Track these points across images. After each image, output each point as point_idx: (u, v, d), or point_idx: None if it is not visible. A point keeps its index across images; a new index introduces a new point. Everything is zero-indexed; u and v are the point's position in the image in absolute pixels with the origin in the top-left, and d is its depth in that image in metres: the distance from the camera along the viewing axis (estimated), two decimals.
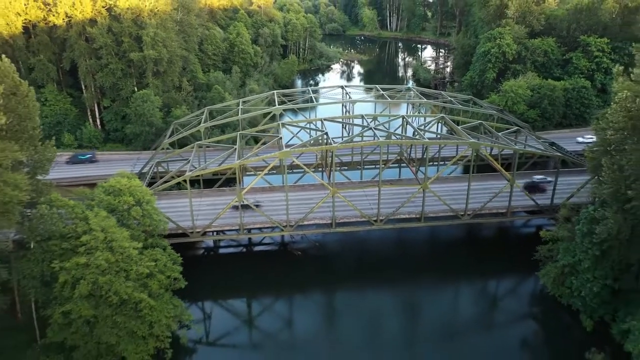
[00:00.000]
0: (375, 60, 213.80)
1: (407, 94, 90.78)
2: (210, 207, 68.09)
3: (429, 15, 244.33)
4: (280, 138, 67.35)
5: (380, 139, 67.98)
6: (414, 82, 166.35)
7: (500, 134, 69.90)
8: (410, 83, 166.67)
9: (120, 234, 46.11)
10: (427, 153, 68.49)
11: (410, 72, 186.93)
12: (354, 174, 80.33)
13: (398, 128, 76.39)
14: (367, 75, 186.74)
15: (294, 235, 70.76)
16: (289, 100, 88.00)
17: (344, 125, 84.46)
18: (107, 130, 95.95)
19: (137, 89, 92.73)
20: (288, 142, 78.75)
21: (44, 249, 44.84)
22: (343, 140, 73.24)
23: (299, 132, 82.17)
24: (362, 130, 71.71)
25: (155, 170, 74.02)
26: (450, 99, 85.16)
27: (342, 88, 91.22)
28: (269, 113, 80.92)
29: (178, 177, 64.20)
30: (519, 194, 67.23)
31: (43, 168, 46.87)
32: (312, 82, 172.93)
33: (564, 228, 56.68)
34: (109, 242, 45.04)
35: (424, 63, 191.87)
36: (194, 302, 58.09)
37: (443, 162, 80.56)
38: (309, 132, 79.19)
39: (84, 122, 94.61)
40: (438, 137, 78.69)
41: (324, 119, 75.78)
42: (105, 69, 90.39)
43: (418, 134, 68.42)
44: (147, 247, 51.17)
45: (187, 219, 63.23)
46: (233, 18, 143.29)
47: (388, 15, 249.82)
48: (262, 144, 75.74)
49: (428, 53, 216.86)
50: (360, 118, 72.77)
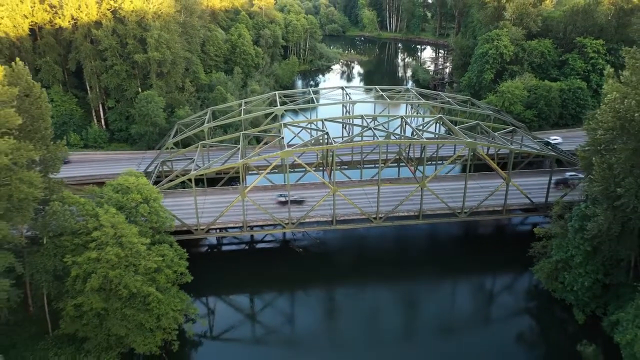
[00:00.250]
0: (375, 61, 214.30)
1: (406, 95, 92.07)
2: (214, 205, 69.70)
3: (429, 16, 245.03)
4: (282, 138, 68.93)
5: (380, 139, 69.40)
6: (413, 82, 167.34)
7: (497, 134, 71.48)
8: (410, 84, 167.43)
9: (129, 230, 47.65)
10: (425, 152, 70.35)
11: (410, 72, 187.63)
12: (354, 173, 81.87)
13: (397, 128, 78.17)
14: (366, 76, 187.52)
15: (296, 233, 72.40)
16: (290, 101, 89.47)
17: (344, 126, 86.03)
18: (111, 130, 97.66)
19: (141, 90, 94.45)
20: (289, 141, 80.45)
21: (56, 245, 46.55)
22: (343, 140, 74.69)
23: (300, 132, 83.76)
24: (361, 130, 73.20)
25: (161, 169, 75.54)
26: (449, 100, 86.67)
27: (342, 89, 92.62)
28: (271, 113, 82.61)
29: (183, 176, 66.02)
30: (515, 192, 68.86)
31: (54, 167, 48.43)
32: (312, 82, 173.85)
33: (557, 225, 58.21)
34: (119, 237, 46.59)
35: (423, 64, 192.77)
36: (198, 297, 59.56)
37: (441, 161, 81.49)
38: (310, 132, 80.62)
39: (89, 122, 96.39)
40: (436, 137, 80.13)
41: (325, 120, 77.33)
42: (110, 70, 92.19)
43: (416, 134, 69.99)
44: (154, 243, 52.77)
45: (191, 217, 64.89)
46: (234, 19, 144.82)
47: (388, 16, 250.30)
48: (264, 144, 77.32)
49: (427, 54, 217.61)
50: (360, 118, 74.36)
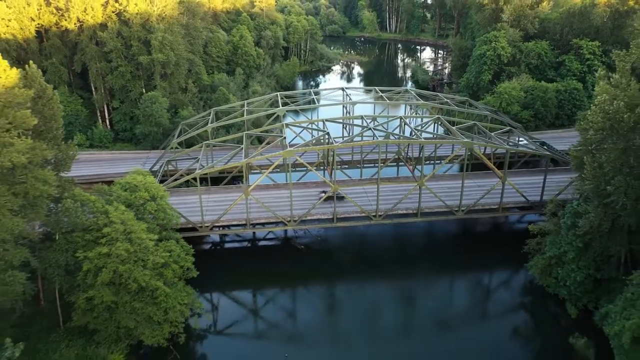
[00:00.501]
0: (375, 62, 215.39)
1: (405, 96, 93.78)
2: (218, 203, 71.47)
3: (428, 17, 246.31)
4: (284, 138, 70.71)
5: (379, 139, 70.82)
6: (413, 83, 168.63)
7: (493, 134, 73.18)
8: (409, 84, 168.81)
9: (138, 227, 49.40)
10: (423, 152, 71.99)
11: (409, 73, 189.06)
12: (354, 172, 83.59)
13: (396, 128, 79.96)
14: (366, 77, 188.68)
15: (297, 230, 74.12)
16: (292, 102, 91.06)
17: (345, 126, 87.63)
18: (116, 130, 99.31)
19: (145, 91, 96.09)
20: (291, 141, 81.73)
21: (68, 240, 48.33)
22: (344, 140, 76.08)
23: (302, 132, 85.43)
24: (361, 131, 74.74)
25: (166, 169, 77.30)
26: (447, 101, 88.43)
27: (342, 90, 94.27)
28: (273, 114, 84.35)
29: (188, 175, 67.83)
30: (511, 191, 70.63)
31: (66, 165, 50.27)
32: (313, 83, 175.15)
33: (551, 222, 59.98)
34: (128, 233, 48.29)
35: (423, 64, 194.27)
36: (203, 292, 61.06)
37: (439, 160, 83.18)
38: (311, 132, 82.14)
39: (94, 122, 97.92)
40: (434, 137, 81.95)
41: (326, 120, 79.01)
42: (115, 72, 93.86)
43: (415, 134, 71.71)
44: (162, 239, 54.51)
45: (196, 214, 66.73)
46: (236, 21, 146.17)
47: (387, 17, 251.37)
48: (266, 144, 78.98)
49: (427, 54, 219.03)
50: (360, 119, 76.06)
